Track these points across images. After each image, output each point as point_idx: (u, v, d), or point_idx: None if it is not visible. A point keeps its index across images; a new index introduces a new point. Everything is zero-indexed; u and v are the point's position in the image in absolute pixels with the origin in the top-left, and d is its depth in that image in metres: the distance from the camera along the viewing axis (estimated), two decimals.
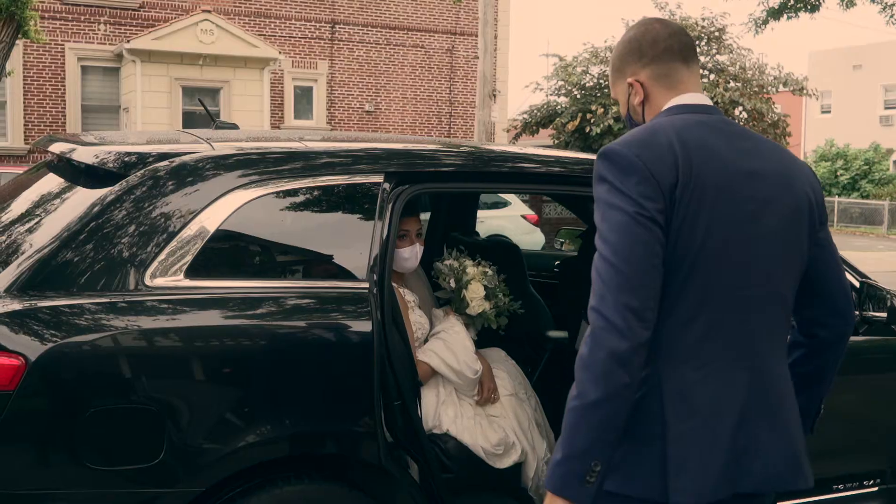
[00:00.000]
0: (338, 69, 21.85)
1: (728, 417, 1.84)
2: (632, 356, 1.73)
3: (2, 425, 2.28)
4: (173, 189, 2.60)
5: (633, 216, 1.76)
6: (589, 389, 1.73)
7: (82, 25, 19.17)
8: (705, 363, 1.83)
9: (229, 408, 2.51)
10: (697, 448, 1.81)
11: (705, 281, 1.82)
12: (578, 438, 1.73)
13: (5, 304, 2.36)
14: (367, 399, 2.65)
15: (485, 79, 16.57)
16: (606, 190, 1.82)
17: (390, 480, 2.74)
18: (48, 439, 2.35)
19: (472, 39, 22.83)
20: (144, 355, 2.45)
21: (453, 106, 23.08)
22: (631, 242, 1.75)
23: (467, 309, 3.52)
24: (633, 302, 1.73)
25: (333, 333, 2.65)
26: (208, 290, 2.56)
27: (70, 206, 2.65)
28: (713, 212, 1.82)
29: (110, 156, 2.70)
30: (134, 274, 2.49)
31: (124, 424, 2.41)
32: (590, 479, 1.73)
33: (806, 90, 18.77)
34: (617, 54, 2.08)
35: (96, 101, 19.52)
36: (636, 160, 1.80)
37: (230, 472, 2.50)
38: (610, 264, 1.75)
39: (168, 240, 2.54)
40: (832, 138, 35.77)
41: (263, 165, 2.72)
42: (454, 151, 3.18)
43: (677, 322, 1.82)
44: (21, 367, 2.30)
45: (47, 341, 2.34)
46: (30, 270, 2.43)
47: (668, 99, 1.98)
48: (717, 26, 18.85)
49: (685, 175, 1.80)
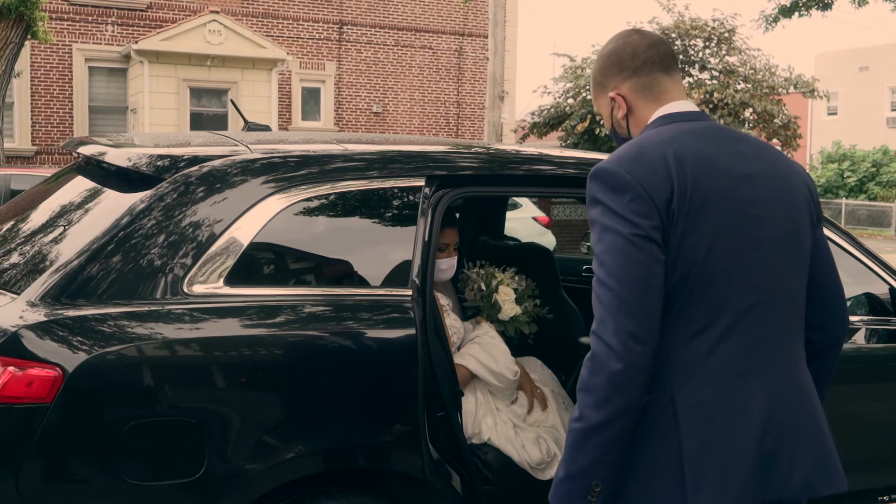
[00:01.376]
0: (345, 70, 21.77)
1: (749, 427, 1.79)
2: (631, 380, 1.71)
3: (39, 438, 2.20)
4: (212, 193, 2.52)
5: (628, 237, 1.73)
6: (590, 413, 1.72)
7: (90, 26, 19.10)
8: (719, 374, 1.79)
9: (272, 420, 2.42)
10: (715, 462, 1.76)
11: (713, 291, 1.78)
12: (580, 459, 1.74)
13: (40, 313, 2.28)
14: (412, 410, 2.57)
15: (494, 80, 16.48)
16: (600, 212, 1.78)
17: (433, 494, 2.65)
18: (86, 453, 2.27)
19: (480, 41, 22.74)
20: (185, 365, 2.36)
21: (461, 107, 22.99)
22: (626, 264, 1.72)
23: (499, 314, 3.45)
24: (631, 325, 1.70)
25: (378, 343, 2.57)
26: (250, 298, 2.47)
27: (105, 211, 2.57)
28: (715, 220, 1.78)
29: (145, 159, 2.62)
30: (173, 281, 2.41)
31: (164, 437, 2.33)
32: (591, 498, 1.74)
33: (816, 92, 18.66)
34: (597, 69, 2.04)
35: (103, 102, 19.44)
36: (627, 177, 1.76)
37: (272, 487, 2.41)
38: (607, 288, 1.73)
39: (207, 245, 2.45)
40: (839, 140, 35.64)
41: (303, 169, 2.64)
42: (495, 155, 3.09)
43: (685, 336, 1.78)
44: (58, 379, 2.22)
45: (84, 351, 2.26)
46: (64, 278, 2.34)
47: (653, 110, 1.95)
48: (727, 27, 18.75)
49: (681, 186, 1.76)
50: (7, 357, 2.21)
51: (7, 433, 2.21)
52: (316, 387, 2.47)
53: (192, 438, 2.33)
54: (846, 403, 3.41)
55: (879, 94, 39.75)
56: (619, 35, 2.02)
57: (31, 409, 2.20)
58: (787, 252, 1.87)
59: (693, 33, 18.66)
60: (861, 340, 3.57)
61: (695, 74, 19.31)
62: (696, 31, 18.66)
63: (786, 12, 11.73)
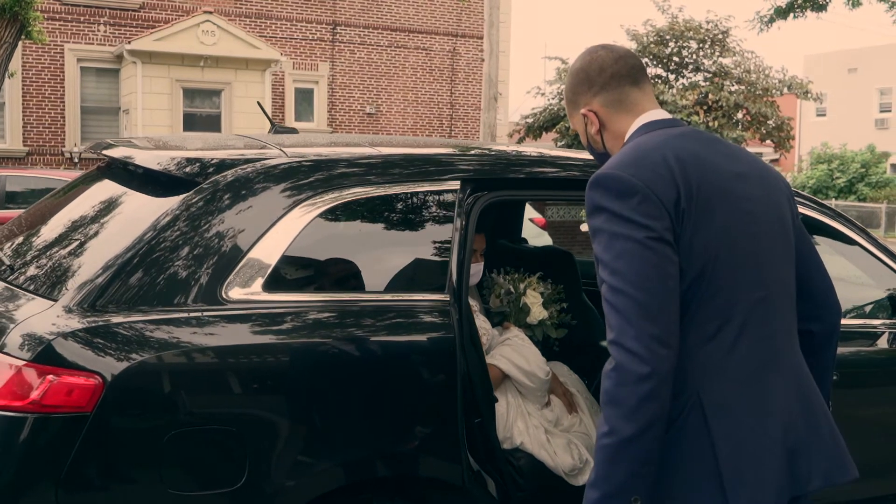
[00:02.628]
0: (339, 71, 21.70)
1: (773, 424, 1.79)
2: (661, 386, 1.67)
3: (79, 447, 2.16)
4: (249, 197, 2.48)
5: (641, 241, 1.70)
6: (622, 425, 1.67)
7: (82, 26, 18.97)
8: (740, 373, 1.78)
9: (314, 427, 2.38)
10: (750, 459, 1.75)
11: (725, 288, 1.78)
12: (616, 475, 1.68)
13: (78, 320, 2.23)
14: (451, 415, 2.54)
15: (490, 81, 16.46)
16: (605, 219, 1.75)
17: (471, 502, 2.62)
18: (127, 462, 2.22)
19: (473, 42, 22.72)
20: (226, 372, 2.32)
21: (454, 108, 22.96)
22: (642, 268, 1.69)
23: (527, 318, 3.43)
24: (655, 330, 1.67)
25: (419, 348, 2.53)
26: (289, 304, 2.43)
27: (139, 216, 2.52)
28: (720, 218, 1.78)
29: (178, 162, 2.57)
30: (211, 287, 2.36)
31: (205, 446, 2.28)
32: None
33: (810, 93, 18.72)
34: (568, 87, 2.04)
35: (96, 103, 19.31)
36: (633, 180, 1.74)
37: (313, 497, 2.37)
38: (623, 294, 1.69)
39: (245, 251, 2.41)
40: (827, 141, 35.79)
41: (340, 173, 2.60)
42: (527, 157, 3.05)
43: (704, 336, 1.77)
44: (98, 387, 2.17)
45: (125, 359, 2.21)
46: (101, 284, 2.30)
47: (628, 122, 1.95)
48: (720, 28, 18.77)
49: (686, 186, 1.76)
50: (46, 365, 2.16)
51: (47, 443, 2.16)
52: (358, 393, 2.43)
53: (234, 447, 2.29)
54: (870, 407, 3.41)
55: (868, 95, 39.96)
56: (587, 51, 2.03)
57: (71, 418, 2.16)
58: (779, 246, 1.90)
59: (688, 35, 18.68)
60: (884, 344, 3.54)
61: (689, 76, 19.32)
62: (690, 33, 18.68)
63: (781, 13, 11.77)
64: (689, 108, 17.57)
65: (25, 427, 2.15)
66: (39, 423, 2.15)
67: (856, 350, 3.35)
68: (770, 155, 36.74)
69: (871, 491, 3.39)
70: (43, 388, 2.15)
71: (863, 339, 3.43)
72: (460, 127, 22.93)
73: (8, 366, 2.18)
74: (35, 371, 2.16)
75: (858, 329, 3.44)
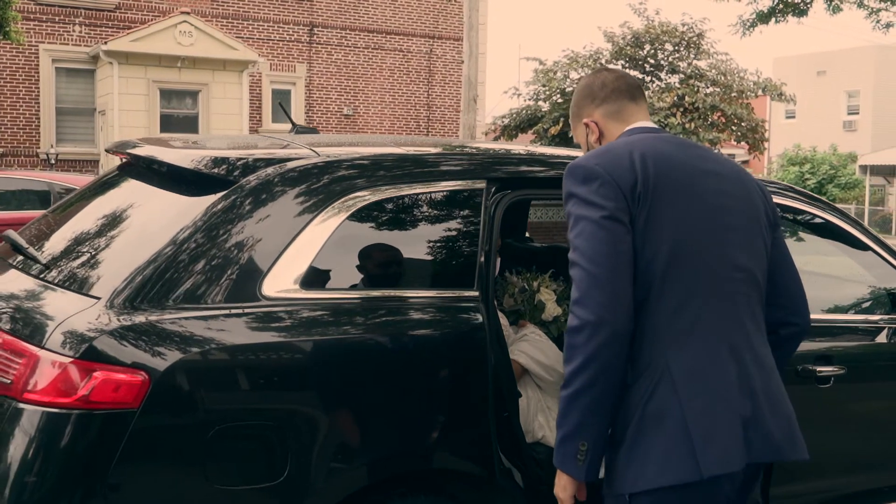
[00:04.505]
0: (316, 72, 21.68)
1: (733, 393, 1.99)
2: (605, 347, 1.91)
3: (126, 444, 2.18)
4: (284, 196, 2.51)
5: (596, 220, 1.95)
6: (572, 379, 1.94)
7: (56, 26, 18.79)
8: (704, 343, 1.99)
9: (351, 422, 2.42)
10: (717, 420, 1.95)
11: (689, 270, 2.00)
12: (567, 422, 1.96)
13: (122, 317, 2.26)
14: (483, 410, 2.59)
15: (469, 83, 16.52)
16: (573, 203, 2.02)
17: (501, 495, 2.67)
18: (173, 458, 2.24)
19: (450, 43, 22.79)
20: (267, 368, 2.35)
21: (431, 110, 23.01)
22: (596, 244, 1.94)
23: (542, 314, 3.49)
24: (603, 298, 1.91)
25: (451, 344, 2.58)
26: (325, 301, 2.47)
27: (173, 214, 2.54)
28: (680, 207, 2.01)
29: (211, 162, 2.60)
30: (249, 285, 2.39)
31: (247, 442, 2.31)
32: (579, 457, 1.96)
33: (784, 95, 18.96)
34: (574, 101, 2.34)
35: (71, 104, 19.14)
36: (595, 167, 2.01)
37: (352, 491, 2.41)
38: (580, 268, 1.95)
39: (281, 249, 2.45)
40: (798, 143, 36.24)
41: (371, 172, 2.64)
42: (550, 157, 3.11)
43: (667, 310, 1.98)
44: (145, 383, 2.20)
45: (169, 355, 2.24)
46: (142, 282, 2.32)
47: (621, 131, 2.23)
48: (696, 31, 18.96)
49: (643, 174, 1.99)
50: (92, 362, 2.18)
51: (94, 439, 2.18)
52: (394, 389, 2.47)
53: (275, 442, 2.32)
54: (868, 402, 3.48)
55: (836, 97, 40.52)
56: (592, 72, 2.36)
57: (118, 414, 2.18)
58: (750, 239, 2.12)
59: (663, 38, 18.85)
60: (883, 339, 3.62)
61: (665, 79, 19.50)
62: (666, 36, 18.86)
63: (763, 18, 11.96)
64: (666, 109, 17.74)
65: (72, 423, 2.17)
66: (86, 420, 2.17)
67: (861, 345, 3.44)
68: (742, 157, 37.20)
69: (875, 482, 3.48)
70: (90, 384, 2.17)
71: (866, 334, 3.51)
72: (437, 128, 22.98)
73: (52, 363, 2.20)
74: (81, 368, 2.18)
75: (862, 325, 3.52)
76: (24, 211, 11.42)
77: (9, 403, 2.23)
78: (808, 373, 3.13)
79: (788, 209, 3.40)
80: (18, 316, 2.41)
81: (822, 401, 3.21)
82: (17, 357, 2.26)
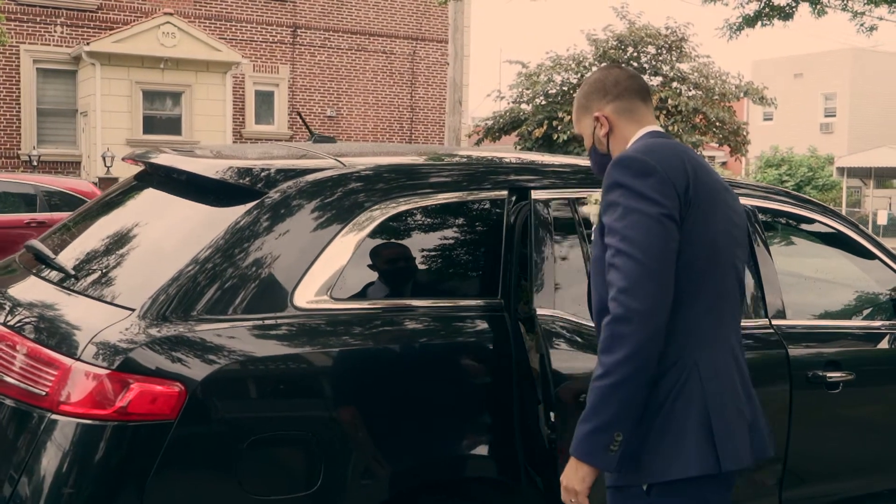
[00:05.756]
0: (299, 74, 21.63)
1: (740, 394, 2.09)
2: (653, 339, 1.94)
3: (163, 455, 2.18)
4: (312, 207, 2.53)
5: (655, 217, 1.97)
6: (616, 369, 1.93)
7: (38, 27, 18.64)
8: (721, 346, 2.08)
9: (383, 431, 2.44)
10: (734, 419, 2.04)
11: (718, 276, 2.07)
12: (605, 413, 1.95)
13: (156, 328, 2.26)
14: (509, 417, 2.61)
15: (455, 85, 16.57)
16: (622, 194, 2.01)
17: (525, 501, 2.69)
18: (210, 468, 2.26)
19: (434, 45, 22.81)
20: (300, 378, 2.37)
21: (414, 111, 23.02)
22: (652, 238, 1.96)
23: None
24: (656, 290, 1.94)
25: (479, 352, 2.61)
26: (356, 311, 2.49)
27: (202, 224, 2.55)
28: (713, 215, 2.07)
29: (238, 172, 2.61)
30: (281, 295, 2.41)
31: (282, 451, 2.33)
32: (613, 448, 1.96)
33: (765, 98, 19.15)
34: (582, 94, 2.32)
35: (52, 105, 19.00)
36: (651, 163, 2.01)
37: (385, 498, 2.43)
38: (631, 258, 1.95)
39: (313, 259, 2.46)
40: (776, 145, 36.57)
41: (398, 182, 2.66)
42: (568, 166, 3.14)
43: (701, 310, 2.04)
44: (182, 395, 2.20)
45: (205, 367, 2.25)
46: (174, 293, 2.33)
47: (633, 130, 2.22)
48: (678, 35, 19.11)
49: (694, 180, 2.04)
50: (129, 374, 2.19)
51: (130, 451, 2.18)
52: (425, 397, 2.50)
53: (309, 451, 2.34)
54: (876, 406, 3.54)
55: (813, 100, 40.92)
56: (603, 68, 2.36)
57: (155, 426, 2.18)
58: (746, 254, 2.27)
59: (647, 40, 18.98)
60: (885, 345, 3.66)
61: (648, 81, 19.62)
62: (649, 39, 18.99)
63: (750, 21, 12.09)
64: None
65: (108, 435, 2.17)
66: (123, 432, 2.18)
67: (868, 350, 3.50)
68: (721, 158, 37.43)
69: (884, 484, 3.53)
70: (128, 396, 2.17)
71: (872, 340, 3.56)
72: (420, 130, 23.00)
73: (87, 374, 2.20)
74: (117, 380, 2.19)
75: (869, 331, 3.58)
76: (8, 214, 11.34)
77: (43, 415, 2.24)
78: (818, 378, 3.18)
79: (791, 215, 3.46)
80: (49, 326, 2.41)
81: (831, 406, 3.26)
82: (50, 368, 2.26)
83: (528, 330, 2.73)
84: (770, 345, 3.10)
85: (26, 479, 2.21)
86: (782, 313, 3.20)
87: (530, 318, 3.57)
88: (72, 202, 11.82)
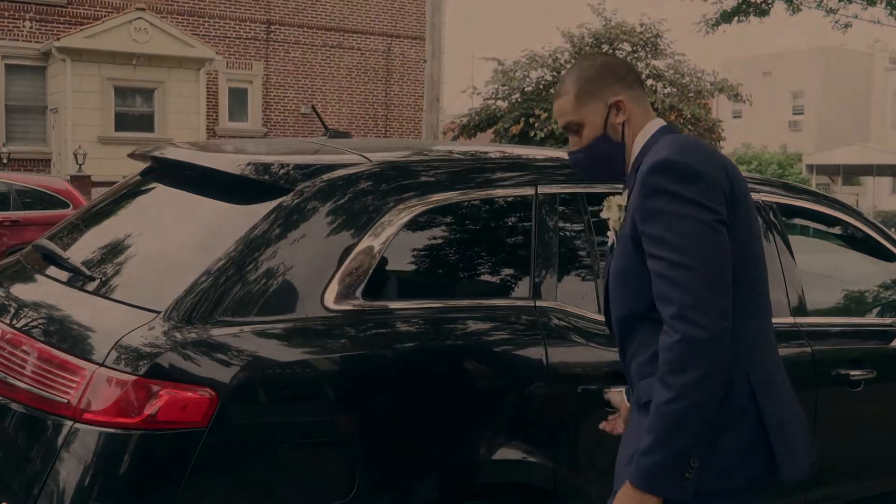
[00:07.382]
0: (273, 70, 21.41)
1: (796, 405, 1.99)
2: (726, 355, 1.80)
3: (195, 464, 2.08)
4: (340, 204, 2.43)
5: (707, 222, 1.83)
6: (689, 392, 1.77)
7: (6, 22, 18.26)
8: (770, 356, 1.97)
9: (419, 436, 2.35)
10: (791, 435, 1.92)
11: (758, 278, 1.97)
12: (680, 439, 1.78)
13: (182, 333, 2.15)
14: (543, 419, 2.54)
15: (432, 82, 16.45)
16: (667, 200, 1.85)
17: None
18: (241, 477, 2.15)
19: (408, 42, 22.69)
20: (333, 381, 2.27)
21: (389, 108, 22.89)
22: (710, 247, 1.82)
23: None
24: (720, 302, 1.80)
25: (514, 353, 2.52)
26: (389, 312, 2.39)
27: (224, 223, 2.44)
28: (749, 221, 1.96)
29: (260, 168, 2.51)
30: (312, 296, 2.31)
31: (316, 458, 2.23)
32: (688, 475, 1.80)
33: (740, 96, 19.27)
34: (586, 78, 2.07)
35: (21, 102, 18.63)
36: (697, 166, 1.87)
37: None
38: (689, 269, 1.80)
39: (342, 258, 2.36)
40: (748, 143, 36.90)
41: (426, 178, 2.57)
42: None
43: (746, 317, 1.91)
44: (213, 401, 2.10)
45: (236, 371, 2.15)
46: (200, 295, 2.22)
47: (645, 120, 2.07)
48: (653, 31, 19.16)
49: (736, 183, 1.92)
50: (158, 380, 2.08)
51: (160, 461, 2.08)
52: (459, 401, 2.41)
53: (343, 458, 2.24)
54: (892, 403, 3.51)
55: (782, 98, 41.35)
56: (599, 53, 2.27)
57: (186, 434, 2.08)
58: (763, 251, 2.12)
59: (623, 37, 19.02)
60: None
61: None
62: (624, 36, 19.02)
63: (727, 17, 12.14)
64: None
65: (136, 444, 2.06)
66: (151, 440, 2.07)
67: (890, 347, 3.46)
68: None
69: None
70: (157, 403, 2.07)
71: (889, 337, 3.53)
72: (396, 127, 22.87)
73: (112, 381, 2.09)
74: (144, 386, 2.08)
75: (890, 328, 3.55)
76: None
77: (63, 423, 2.12)
78: (842, 377, 3.14)
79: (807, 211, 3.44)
80: (65, 329, 2.29)
81: (854, 404, 3.23)
82: (70, 374, 2.15)
83: (561, 329, 2.67)
84: (796, 343, 3.06)
85: (47, 491, 2.09)
86: (804, 311, 3.16)
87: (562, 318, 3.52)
88: (45, 200, 11.58)
